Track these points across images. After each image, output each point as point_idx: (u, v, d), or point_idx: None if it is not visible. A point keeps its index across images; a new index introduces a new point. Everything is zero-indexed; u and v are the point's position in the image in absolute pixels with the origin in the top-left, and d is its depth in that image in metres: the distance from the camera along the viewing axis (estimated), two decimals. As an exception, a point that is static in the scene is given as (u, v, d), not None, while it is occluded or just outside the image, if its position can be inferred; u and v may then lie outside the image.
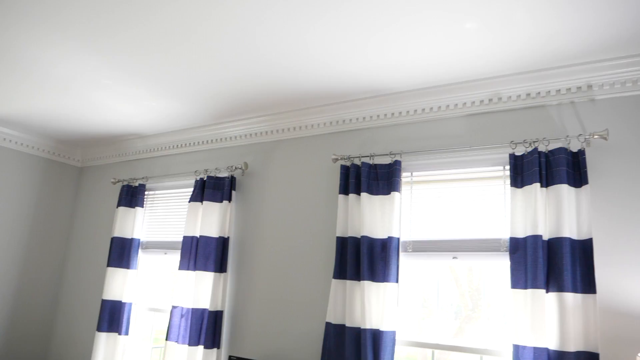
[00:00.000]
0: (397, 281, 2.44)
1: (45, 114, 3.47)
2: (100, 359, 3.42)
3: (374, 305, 2.43)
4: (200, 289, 3.04)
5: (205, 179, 3.28)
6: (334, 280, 2.59)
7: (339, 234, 2.63)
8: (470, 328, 2.54)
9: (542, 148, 2.29)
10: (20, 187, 4.01)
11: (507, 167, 2.43)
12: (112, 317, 3.49)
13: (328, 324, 2.56)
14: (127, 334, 3.43)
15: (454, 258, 2.46)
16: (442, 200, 2.58)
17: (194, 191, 3.28)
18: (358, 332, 2.46)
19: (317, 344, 2.71)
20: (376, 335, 2.39)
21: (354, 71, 2.50)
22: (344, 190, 2.69)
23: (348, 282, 2.53)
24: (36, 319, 4.05)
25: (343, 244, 2.63)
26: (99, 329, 3.46)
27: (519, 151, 2.36)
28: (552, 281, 2.10)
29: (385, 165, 2.63)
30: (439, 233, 2.54)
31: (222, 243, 3.08)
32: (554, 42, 2.11)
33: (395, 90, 2.70)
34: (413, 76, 2.52)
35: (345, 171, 2.72)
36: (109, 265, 3.56)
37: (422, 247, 2.55)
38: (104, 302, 3.50)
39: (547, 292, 2.09)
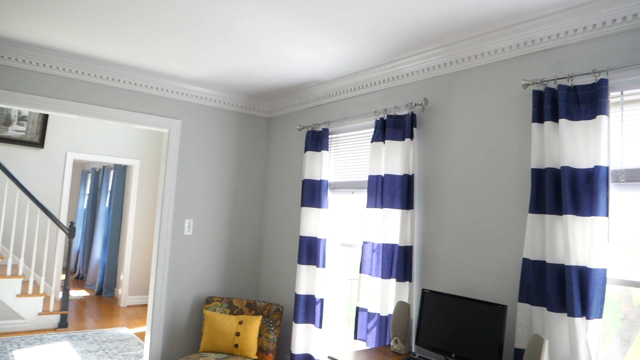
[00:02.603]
0: (606, 215, 2.19)
1: (237, 73, 3.83)
2: (303, 288, 3.81)
3: (579, 241, 2.24)
4: (389, 226, 3.14)
5: (385, 118, 3.31)
6: (530, 214, 2.44)
7: (534, 166, 2.45)
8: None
9: None
10: (224, 140, 4.56)
11: None
12: (310, 251, 3.83)
13: (525, 260, 2.45)
14: (324, 266, 3.74)
15: (681, 187, 2.11)
16: (664, 120, 2.19)
17: (375, 131, 3.34)
18: (561, 269, 2.31)
19: (513, 279, 2.62)
20: (583, 273, 2.21)
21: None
22: (538, 118, 2.46)
23: (547, 216, 2.36)
24: (247, 253, 4.68)
25: (539, 176, 2.44)
26: (299, 262, 3.85)
27: None
28: None
29: (588, 86, 2.32)
30: (660, 159, 2.18)
31: (407, 180, 3.11)
32: None
33: (598, -3, 2.33)
34: (623, -24, 2.13)
35: (539, 97, 2.47)
36: (302, 205, 3.89)
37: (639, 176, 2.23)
38: (302, 238, 3.86)
39: None
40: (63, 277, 9.62)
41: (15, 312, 6.08)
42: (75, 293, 8.70)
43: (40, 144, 7.14)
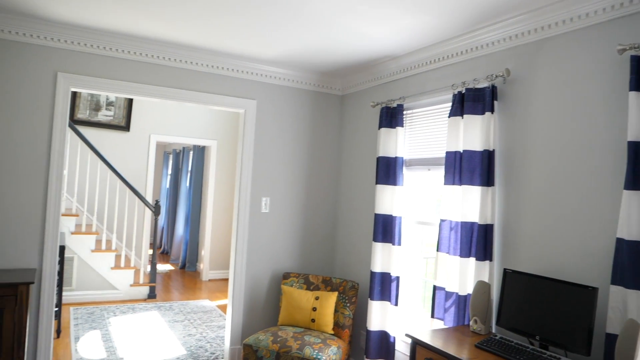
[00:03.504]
0: None
1: (310, 51, 3.82)
2: (378, 266, 3.81)
3: (684, 219, 2.05)
4: (468, 203, 3.04)
5: (463, 91, 3.18)
6: (625, 191, 2.26)
7: (631, 138, 2.25)
8: None
9: None
10: (297, 118, 4.61)
11: None
12: (385, 229, 3.81)
13: (620, 240, 2.28)
14: (399, 244, 3.71)
15: None
16: None
17: (452, 106, 3.23)
18: (662, 250, 2.13)
19: (605, 260, 2.46)
20: (688, 254, 2.03)
21: None
22: (637, 85, 2.26)
23: (646, 193, 2.18)
24: (322, 230, 4.74)
25: (637, 149, 2.25)
26: (375, 239, 3.84)
27: None
28: None
29: (697, 48, 2.09)
30: None
31: (488, 156, 2.98)
32: None
33: None
34: None
35: (637, 62, 2.26)
36: (377, 182, 3.86)
37: None
38: (377, 216, 3.84)
39: None
40: (150, 251, 10.26)
41: (110, 283, 6.59)
42: (162, 267, 9.27)
43: (126, 127, 7.59)
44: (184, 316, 5.99)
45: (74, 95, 7.12)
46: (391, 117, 3.85)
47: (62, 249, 4.71)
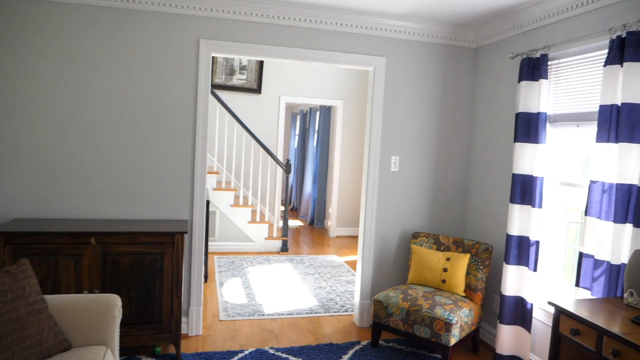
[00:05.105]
0: None
1: (442, 1, 3.61)
2: (515, 229, 3.60)
3: None
4: (625, 163, 2.72)
5: (623, 36, 2.79)
6: None
7: None
8: None
9: None
10: (427, 73, 4.44)
11: None
12: (524, 190, 3.57)
13: None
14: (540, 207, 3.46)
15: None
16: None
17: (609, 53, 2.85)
18: None
19: None
20: None
21: None
22: None
23: None
24: (452, 190, 4.60)
25: None
26: (512, 201, 3.62)
27: None
28: None
29: None
30: None
31: (654, 109, 2.61)
32: None
33: None
34: None
35: None
36: (516, 140, 3.60)
37: None
38: (515, 176, 3.61)
39: None
40: (282, 208, 10.85)
41: (247, 235, 7.12)
42: (292, 222, 9.77)
43: (258, 90, 7.95)
44: (314, 269, 6.29)
45: (212, 60, 7.60)
46: (533, 68, 3.53)
47: (207, 203, 5.16)
